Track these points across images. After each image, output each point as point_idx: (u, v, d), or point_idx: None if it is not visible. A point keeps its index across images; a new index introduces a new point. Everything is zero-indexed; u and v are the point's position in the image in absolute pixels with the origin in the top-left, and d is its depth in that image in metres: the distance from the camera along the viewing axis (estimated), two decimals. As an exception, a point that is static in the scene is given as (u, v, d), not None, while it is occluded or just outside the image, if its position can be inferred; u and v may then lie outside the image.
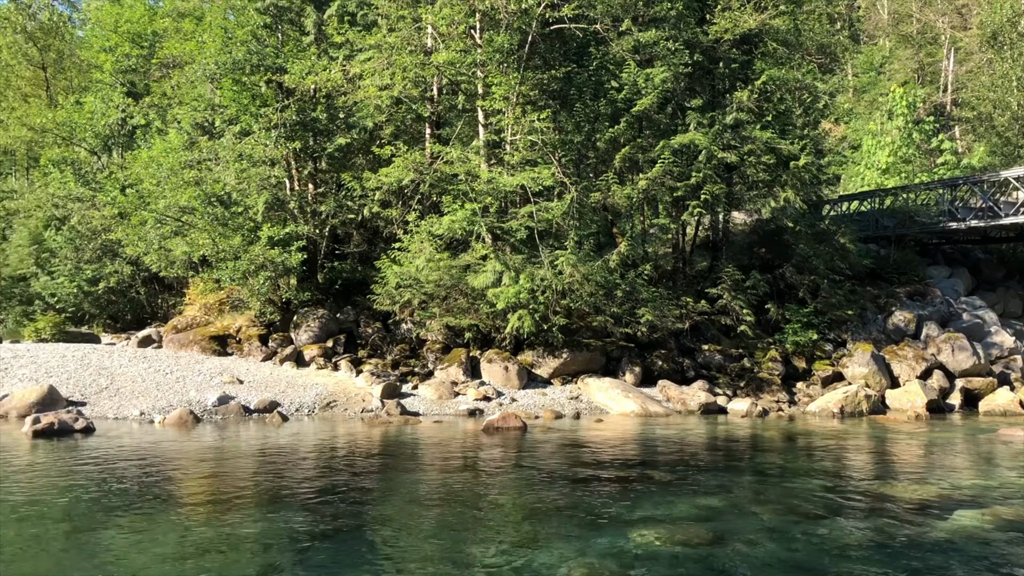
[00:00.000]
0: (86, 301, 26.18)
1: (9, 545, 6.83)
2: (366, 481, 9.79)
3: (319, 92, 20.29)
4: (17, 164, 33.93)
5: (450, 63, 18.44)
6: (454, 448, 12.43)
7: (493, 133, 18.68)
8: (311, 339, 19.58)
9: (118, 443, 12.01)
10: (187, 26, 24.66)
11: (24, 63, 34.06)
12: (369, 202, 19.57)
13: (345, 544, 6.96)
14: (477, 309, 17.90)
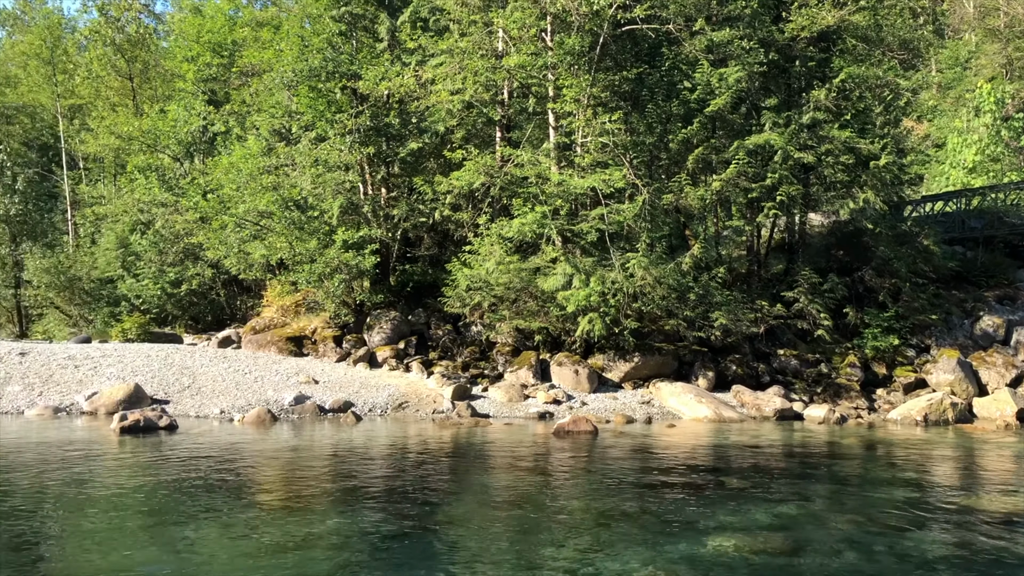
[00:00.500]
0: (169, 303, 27.11)
1: (98, 535, 7.10)
2: (438, 482, 9.87)
3: (392, 97, 20.61)
4: (105, 171, 35.30)
5: (521, 66, 18.48)
6: (524, 451, 12.43)
7: (564, 135, 18.65)
8: (383, 341, 19.86)
9: (199, 440, 12.38)
10: (265, 35, 25.37)
11: (112, 74, 35.52)
12: (440, 205, 19.76)
13: (418, 544, 7.02)
14: (547, 312, 17.88)
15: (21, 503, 8.15)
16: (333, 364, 19.33)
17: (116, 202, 29.88)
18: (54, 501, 8.21)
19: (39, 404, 15.20)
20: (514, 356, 18.61)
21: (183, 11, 35.07)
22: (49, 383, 16.46)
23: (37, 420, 14.28)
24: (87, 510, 7.91)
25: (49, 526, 7.30)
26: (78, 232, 33.82)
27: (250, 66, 25.77)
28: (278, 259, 21.42)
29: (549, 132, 19.00)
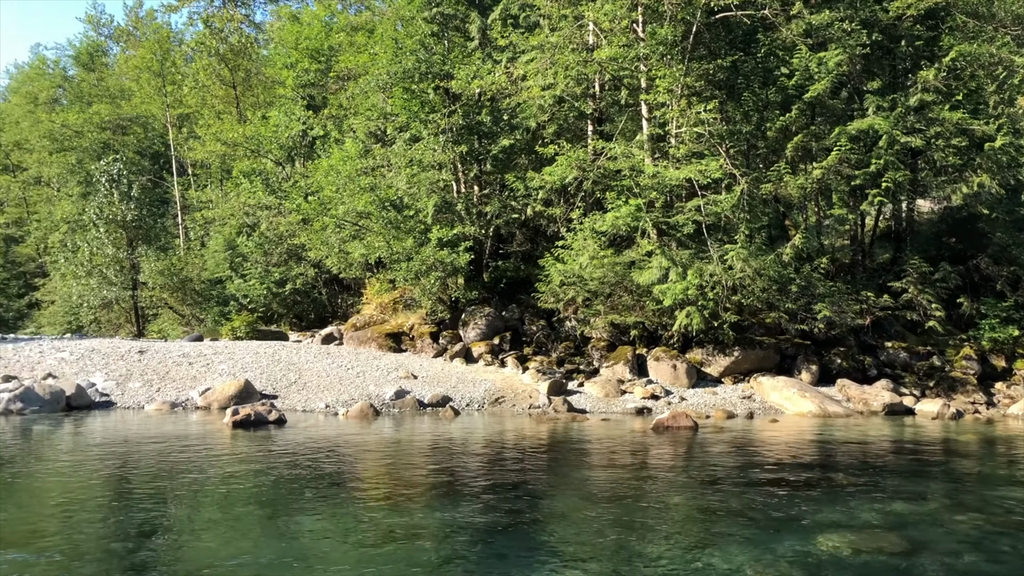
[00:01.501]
0: (275, 301, 28.15)
1: (215, 525, 7.44)
2: (537, 476, 9.92)
3: (484, 95, 20.81)
4: (212, 176, 36.89)
5: (612, 59, 18.34)
6: (623, 446, 12.36)
7: (657, 127, 18.42)
8: (478, 336, 20.09)
9: (307, 434, 12.81)
10: (360, 39, 25.99)
11: (217, 83, 37.07)
12: (532, 201, 19.84)
13: (520, 537, 7.08)
14: (643, 306, 17.72)
15: (144, 494, 8.62)
16: (430, 359, 19.67)
17: (223, 206, 31.20)
18: (174, 492, 8.65)
19: (157, 399, 16.03)
20: (610, 351, 18.51)
21: (282, 20, 36.25)
22: (166, 379, 17.33)
23: (156, 415, 15.05)
24: (204, 501, 8.30)
25: (170, 516, 7.69)
26: (188, 235, 35.49)
27: (346, 70, 26.45)
28: (376, 258, 21.94)
29: (642, 124, 18.79)
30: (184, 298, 30.53)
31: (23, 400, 14.87)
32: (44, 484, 9.12)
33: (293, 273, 27.50)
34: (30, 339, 25.32)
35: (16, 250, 48.29)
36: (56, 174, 45.36)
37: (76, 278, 32.28)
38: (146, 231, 32.64)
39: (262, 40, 41.26)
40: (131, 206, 31.77)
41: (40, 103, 49.00)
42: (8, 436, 12.34)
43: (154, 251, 31.31)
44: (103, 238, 31.36)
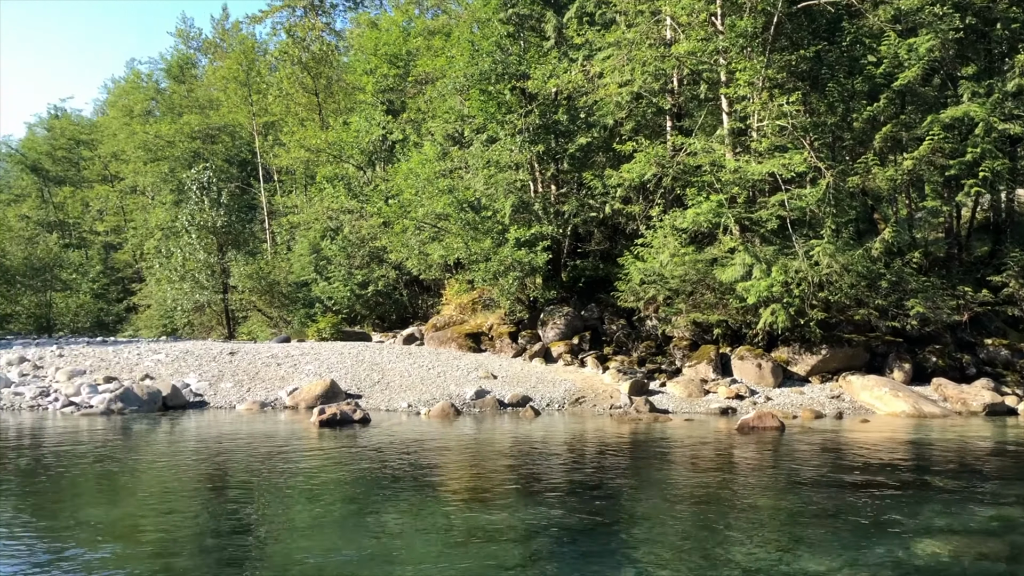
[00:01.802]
0: (358, 303, 28.74)
1: (301, 522, 7.63)
2: (619, 477, 9.83)
3: (560, 94, 20.77)
4: (297, 182, 37.91)
5: (691, 53, 18.04)
6: (707, 447, 12.14)
7: (738, 120, 18.03)
8: (557, 336, 20.05)
9: (390, 433, 13.02)
10: (437, 43, 26.28)
11: (300, 91, 38.07)
12: (610, 199, 19.69)
13: (602, 538, 7.02)
14: (726, 304, 17.37)
15: (236, 491, 8.90)
16: (510, 359, 19.74)
17: (307, 211, 32.00)
18: (264, 489, 8.91)
19: (248, 399, 16.55)
20: (692, 350, 18.22)
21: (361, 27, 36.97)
22: (255, 380, 17.88)
23: (246, 414, 15.55)
24: (293, 498, 8.52)
25: (261, 512, 7.92)
26: (275, 240, 36.54)
27: (424, 74, 26.78)
28: (455, 259, 22.15)
29: (723, 118, 18.43)
30: (272, 301, 31.45)
31: (123, 400, 15.57)
32: (143, 480, 9.53)
33: (375, 275, 28.01)
34: (128, 342, 26.52)
35: (115, 256, 50.65)
36: (150, 183, 47.39)
37: (170, 283, 33.67)
38: (235, 236, 33.77)
39: (342, 47, 42.16)
40: (221, 212, 32.91)
41: (135, 115, 51.25)
42: (110, 435, 12.93)
43: (243, 255, 32.34)
44: (195, 244, 32.61)
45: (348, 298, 28.43)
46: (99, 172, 54.69)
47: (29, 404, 16.00)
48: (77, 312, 41.79)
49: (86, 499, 8.55)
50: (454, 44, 23.17)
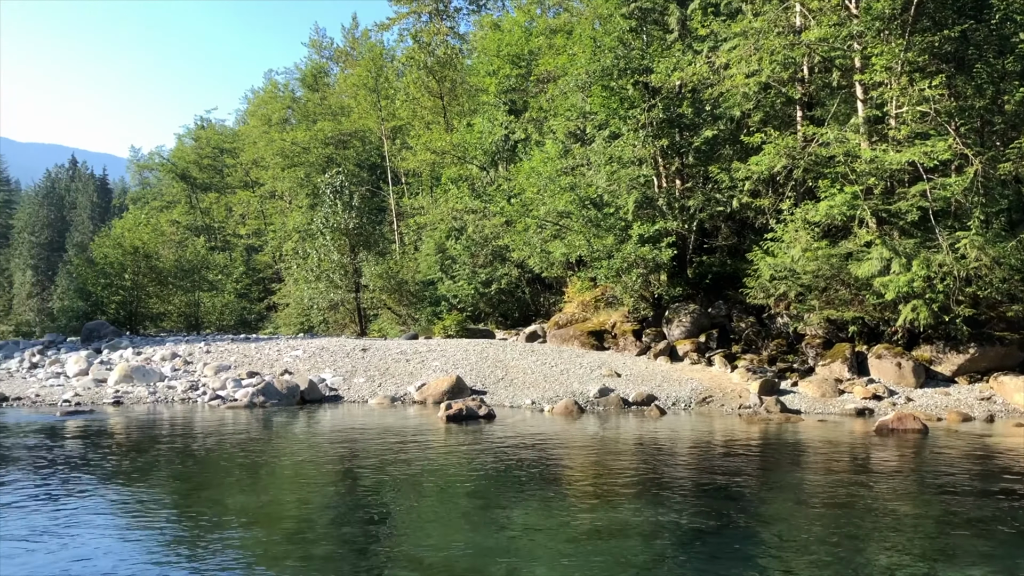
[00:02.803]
0: (481, 301, 29.20)
1: (429, 514, 7.82)
2: (748, 478, 9.55)
3: (684, 87, 20.38)
4: (423, 184, 38.87)
5: (822, 39, 17.29)
6: (842, 449, 11.62)
7: (874, 108, 17.14)
8: (683, 334, 19.69)
9: (514, 429, 13.15)
10: (559, 41, 26.34)
11: (426, 95, 39.02)
12: (738, 193, 19.15)
13: (730, 540, 6.84)
14: (862, 300, 16.57)
15: (369, 482, 9.22)
16: (633, 357, 19.54)
17: (433, 212, 32.77)
18: (395, 481, 9.18)
19: (379, 394, 17.12)
20: (826, 348, 17.49)
21: (484, 29, 37.50)
22: (386, 375, 18.47)
23: (378, 408, 16.08)
24: (422, 490, 8.75)
25: (392, 503, 8.17)
26: (403, 240, 37.63)
27: (546, 73, 26.91)
28: (577, 256, 22.13)
29: (857, 106, 17.58)
30: (400, 299, 32.40)
31: (264, 394, 16.43)
32: (283, 470, 10.03)
33: (498, 273, 28.36)
34: (269, 338, 27.94)
35: (256, 258, 53.54)
36: (288, 188, 49.80)
37: (307, 282, 35.28)
38: (366, 237, 34.97)
39: (466, 50, 42.90)
40: (352, 215, 34.16)
41: (273, 124, 53.97)
42: (252, 427, 13.68)
43: (373, 256, 33.46)
44: (329, 245, 34.01)
45: (472, 296, 28.93)
46: (241, 178, 57.96)
47: (180, 397, 17.13)
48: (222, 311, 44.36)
49: (232, 486, 9.08)
50: (576, 41, 23.15)
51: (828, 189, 16.73)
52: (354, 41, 53.66)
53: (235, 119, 69.19)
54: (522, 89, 30.52)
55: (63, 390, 17.50)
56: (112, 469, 9.70)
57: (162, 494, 8.52)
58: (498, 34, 31.93)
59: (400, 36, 43.65)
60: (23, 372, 20.00)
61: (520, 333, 24.88)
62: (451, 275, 30.02)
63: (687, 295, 20.68)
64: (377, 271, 31.79)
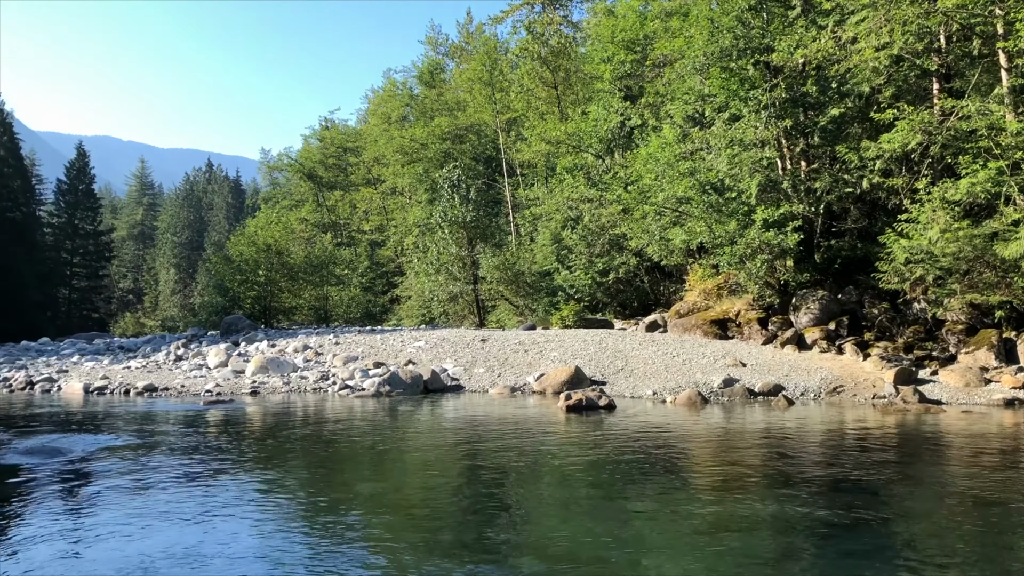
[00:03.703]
0: (599, 291, 29.05)
1: (551, 504, 7.83)
2: (884, 471, 9.08)
3: (808, 65, 19.55)
4: (538, 175, 39.00)
5: (960, 6, 16.17)
6: (990, 442, 10.88)
7: (1019, 77, 15.91)
8: (811, 321, 18.94)
9: (635, 420, 13.02)
10: (675, 24, 25.76)
11: (540, 85, 39.07)
12: (868, 173, 18.23)
13: (866, 536, 6.52)
14: (1010, 283, 15.45)
15: (491, 470, 9.34)
16: (759, 346, 18.96)
17: (548, 202, 32.82)
18: (516, 470, 9.26)
19: (499, 384, 17.32)
20: (968, 335, 16.43)
21: (597, 16, 37.17)
22: (505, 366, 18.66)
23: (498, 398, 16.27)
24: (543, 479, 8.79)
25: (514, 492, 8.24)
26: (519, 232, 37.88)
27: (661, 57, 26.40)
28: (698, 243, 21.65)
29: (1001, 75, 16.36)
30: (517, 290, 32.67)
31: (390, 383, 16.92)
32: (409, 457, 10.29)
33: (615, 263, 28.13)
34: (393, 330, 28.76)
35: (379, 253, 55.23)
36: (407, 184, 51.06)
37: (427, 275, 36.09)
38: (483, 230, 35.45)
39: (579, 38, 42.66)
40: (469, 208, 34.68)
41: (392, 121, 55.42)
42: (379, 415, 14.11)
43: (490, 248, 33.88)
44: (447, 239, 34.66)
45: (589, 286, 28.82)
46: (363, 176, 59.86)
47: (312, 387, 17.87)
48: (349, 304, 46.02)
49: (361, 472, 9.40)
50: (692, 23, 22.57)
51: (969, 165, 15.65)
52: (469, 36, 54.33)
53: (357, 118, 71.52)
54: (637, 75, 30.06)
55: (205, 381, 18.58)
56: (251, 455, 10.23)
57: (296, 479, 8.91)
58: (612, 20, 31.55)
59: (514, 28, 43.83)
60: (169, 364, 21.38)
61: (639, 323, 24.60)
62: (567, 265, 30.00)
63: (815, 281, 19.87)
64: (494, 263, 32.15)
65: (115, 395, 17.48)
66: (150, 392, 17.54)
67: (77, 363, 22.11)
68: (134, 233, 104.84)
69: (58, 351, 26.12)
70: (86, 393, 17.63)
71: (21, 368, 21.10)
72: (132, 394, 17.44)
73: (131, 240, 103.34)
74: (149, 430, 12.30)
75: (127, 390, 17.67)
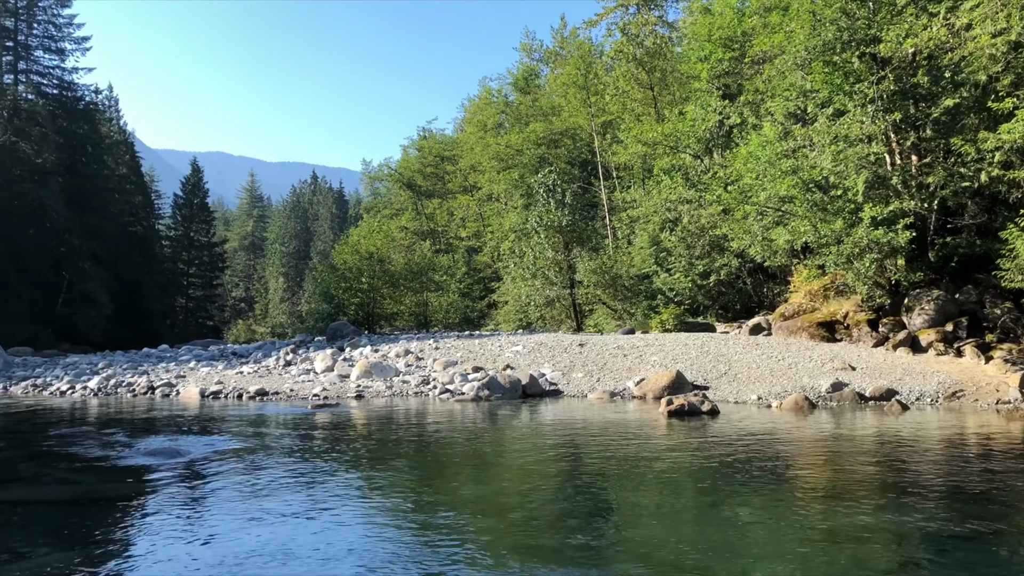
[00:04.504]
0: (699, 293, 28.54)
1: (654, 510, 7.73)
2: (1010, 482, 8.57)
3: (919, 55, 18.69)
4: (634, 177, 38.66)
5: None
6: None
7: None
8: (926, 323, 18.07)
9: (739, 425, 12.71)
10: (774, 19, 25.08)
11: (635, 87, 38.73)
12: (986, 166, 17.26)
13: (988, 547, 6.17)
14: None
15: (592, 475, 9.30)
16: (869, 349, 18.23)
17: (646, 204, 32.48)
18: (617, 475, 9.19)
19: (598, 389, 17.23)
20: (1103, 336, 15.34)
21: (693, 14, 36.61)
22: (604, 370, 18.55)
23: (597, 403, 16.19)
24: (645, 485, 8.68)
25: (615, 497, 8.18)
26: (616, 235, 37.63)
27: (761, 53, 25.76)
28: (802, 243, 20.99)
29: None
30: (615, 294, 32.44)
31: (489, 388, 17.08)
32: (509, 461, 10.37)
33: (716, 264, 27.58)
34: (490, 335, 29.04)
35: (476, 259, 55.92)
36: (503, 190, 51.51)
37: (524, 280, 36.29)
38: (579, 234, 35.39)
39: (675, 38, 42.12)
40: (565, 212, 34.69)
41: (488, 129, 56.05)
42: (480, 419, 14.27)
43: (587, 252, 33.78)
44: (543, 243, 34.76)
45: (689, 289, 28.35)
46: (460, 183, 60.74)
47: (414, 391, 18.23)
48: (447, 309, 46.78)
49: (463, 475, 9.52)
50: (793, 17, 21.92)
51: (1100, 154, 14.64)
52: (563, 41, 54.42)
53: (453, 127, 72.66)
54: (736, 72, 29.43)
55: (312, 385, 19.22)
56: (356, 457, 10.52)
57: (400, 481, 9.11)
58: (709, 18, 31.01)
59: (608, 31, 43.62)
60: (279, 369, 22.21)
61: (742, 326, 24.03)
62: (666, 268, 29.60)
63: (929, 280, 18.95)
64: (591, 266, 32.03)
65: (229, 399, 18.28)
66: (261, 396, 18.26)
67: (194, 369, 23.25)
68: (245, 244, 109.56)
69: (176, 357, 27.54)
70: (202, 397, 18.51)
71: (143, 374, 22.34)
72: (244, 398, 18.21)
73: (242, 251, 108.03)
74: (261, 432, 12.81)
75: (240, 394, 18.45)
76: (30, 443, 11.77)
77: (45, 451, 10.89)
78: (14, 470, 9.56)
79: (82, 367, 24.51)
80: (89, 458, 10.18)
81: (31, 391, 20.40)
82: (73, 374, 22.74)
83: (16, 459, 10.31)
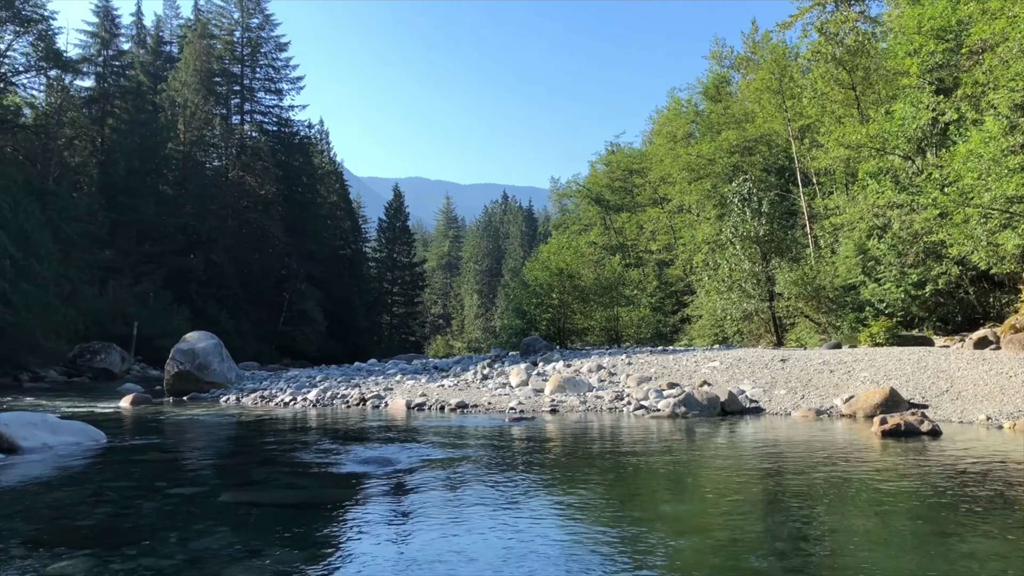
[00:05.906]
0: (913, 304, 26.43)
1: (867, 536, 7.19)
2: None
3: None
4: (836, 182, 36.56)
5: None
6: None
7: None
8: None
9: (966, 447, 11.61)
10: (994, 5, 22.94)
11: (835, 88, 36.65)
12: None
13: None
14: None
15: (797, 496, 8.82)
16: (1124, 365, 16.07)
17: (850, 210, 30.61)
18: (825, 497, 8.66)
19: (802, 406, 16.38)
20: None
21: (899, 6, 34.21)
22: (808, 387, 17.62)
23: (801, 421, 15.38)
24: (856, 509, 8.12)
25: (823, 521, 7.71)
26: (818, 244, 35.71)
27: (980, 42, 23.61)
28: (1036, 248, 18.94)
29: None
30: (818, 306, 30.76)
31: (685, 404, 16.72)
32: (708, 479, 10.07)
33: (932, 273, 25.46)
34: (684, 350, 28.43)
35: (667, 272, 55.07)
36: (695, 201, 50.46)
37: (718, 293, 35.27)
38: (777, 244, 33.94)
39: (879, 33, 39.55)
40: (762, 222, 33.42)
41: (677, 140, 55.22)
42: (677, 436, 13.99)
43: (786, 262, 32.31)
44: (740, 254, 33.65)
45: (902, 300, 26.34)
46: (650, 196, 60.21)
47: (608, 406, 18.18)
48: (639, 324, 46.34)
49: (661, 492, 9.36)
50: (1016, 1, 19.93)
51: None
52: (755, 45, 52.64)
53: (641, 140, 72.24)
54: (951, 64, 27.13)
55: (508, 399, 19.69)
56: (553, 470, 10.64)
57: (598, 495, 9.09)
58: (918, 9, 28.82)
59: (803, 32, 41.69)
60: (476, 383, 22.96)
61: (965, 339, 21.98)
62: (875, 278, 27.69)
63: None
64: (791, 278, 30.57)
65: (432, 411, 19.11)
66: (461, 408, 18.93)
67: (400, 382, 24.53)
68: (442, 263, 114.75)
69: (383, 371, 29.19)
70: (408, 409, 19.48)
71: (355, 386, 23.86)
72: (447, 410, 18.95)
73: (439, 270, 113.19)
74: (463, 443, 13.28)
75: (442, 406, 19.23)
76: (261, 450, 12.90)
77: (273, 457, 11.89)
78: (248, 475, 10.51)
79: (302, 380, 26.58)
80: (311, 464, 11.00)
81: (259, 402, 22.36)
82: (294, 387, 24.70)
83: (249, 464, 11.32)
